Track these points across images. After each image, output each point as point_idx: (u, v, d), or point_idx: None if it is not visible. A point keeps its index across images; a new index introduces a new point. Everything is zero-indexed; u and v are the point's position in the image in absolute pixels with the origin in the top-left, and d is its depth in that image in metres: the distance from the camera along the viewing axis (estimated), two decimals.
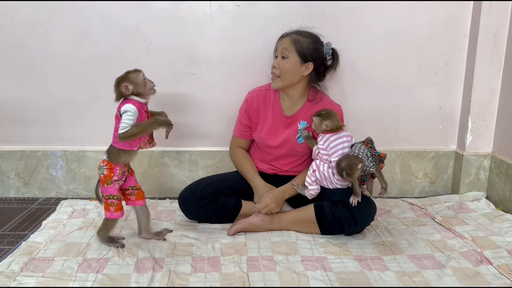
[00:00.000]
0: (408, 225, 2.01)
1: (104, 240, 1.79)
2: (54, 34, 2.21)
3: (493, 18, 2.19)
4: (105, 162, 1.73)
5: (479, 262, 1.65)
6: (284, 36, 1.93)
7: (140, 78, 1.71)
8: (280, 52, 1.90)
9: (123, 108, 1.68)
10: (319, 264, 1.65)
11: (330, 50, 1.92)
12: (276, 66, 1.91)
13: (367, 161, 1.75)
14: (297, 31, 1.94)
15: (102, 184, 1.73)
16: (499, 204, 2.25)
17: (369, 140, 1.86)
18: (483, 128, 2.33)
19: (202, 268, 1.62)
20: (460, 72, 2.34)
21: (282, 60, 1.89)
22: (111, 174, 1.72)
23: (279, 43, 1.94)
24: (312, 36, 1.92)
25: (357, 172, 1.73)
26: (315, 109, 1.94)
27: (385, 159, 1.83)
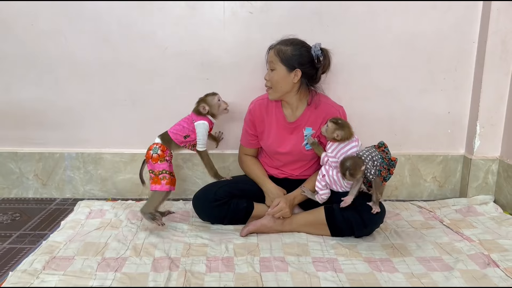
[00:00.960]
0: (417, 227, 2.05)
1: (147, 216, 1.93)
2: (74, 39, 2.28)
3: (502, 25, 2.22)
4: (158, 145, 1.99)
5: (486, 265, 1.69)
6: (271, 48, 1.96)
7: (215, 101, 2.06)
8: (269, 64, 1.95)
9: (199, 124, 2.03)
10: (329, 265, 1.69)
11: (319, 51, 1.93)
12: (267, 78, 1.96)
13: (369, 165, 1.78)
14: (281, 41, 1.95)
15: (155, 162, 1.95)
16: (506, 207, 2.28)
17: (382, 143, 1.90)
18: (491, 133, 2.36)
19: (217, 268, 1.67)
20: (468, 77, 2.37)
21: (271, 73, 1.93)
22: (164, 154, 1.97)
23: (267, 56, 1.98)
24: (295, 43, 1.93)
25: (360, 173, 1.76)
26: (317, 112, 1.98)
27: (396, 163, 1.87)
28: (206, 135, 2.05)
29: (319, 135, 2.00)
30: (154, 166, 1.96)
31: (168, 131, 2.04)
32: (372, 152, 1.83)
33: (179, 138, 2.02)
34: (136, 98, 2.36)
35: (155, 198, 1.97)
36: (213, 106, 2.05)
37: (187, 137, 2.02)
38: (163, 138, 2.02)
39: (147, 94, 2.36)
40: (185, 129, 2.03)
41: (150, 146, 2.00)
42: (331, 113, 1.95)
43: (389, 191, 2.48)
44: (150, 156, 1.96)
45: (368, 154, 1.80)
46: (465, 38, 2.33)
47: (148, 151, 1.98)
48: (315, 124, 2.00)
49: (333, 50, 2.23)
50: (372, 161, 1.79)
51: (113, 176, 2.45)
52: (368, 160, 1.78)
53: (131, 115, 2.39)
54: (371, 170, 1.79)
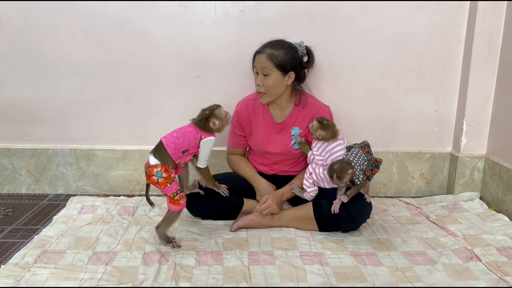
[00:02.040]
0: (403, 223, 2.09)
1: (163, 237, 1.82)
2: (67, 37, 2.30)
3: (488, 25, 2.27)
4: (159, 167, 1.75)
5: (469, 259, 1.73)
6: (259, 53, 1.94)
7: (223, 114, 1.84)
8: (260, 70, 1.93)
9: (207, 141, 1.81)
10: (316, 259, 1.73)
11: (304, 50, 1.96)
12: (260, 84, 1.95)
13: (357, 171, 1.81)
14: (270, 45, 1.94)
15: (165, 186, 1.76)
16: (492, 204, 2.33)
17: (366, 144, 1.94)
18: (477, 131, 2.41)
19: (206, 262, 1.71)
20: (455, 76, 2.42)
21: (265, 78, 1.93)
22: (169, 174, 1.76)
23: (255, 60, 1.96)
24: (285, 46, 1.94)
25: (347, 176, 1.79)
26: (304, 113, 2.02)
27: (380, 164, 1.91)
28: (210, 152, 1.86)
29: (306, 134, 2.04)
30: (165, 190, 1.78)
31: (164, 144, 1.77)
32: (360, 156, 1.85)
33: (177, 153, 1.78)
34: (128, 96, 2.39)
35: (173, 217, 1.83)
36: (223, 119, 1.84)
37: (185, 152, 1.79)
38: (160, 156, 1.76)
39: (140, 92, 2.39)
40: (185, 143, 1.78)
41: (149, 170, 1.76)
42: (318, 113, 1.98)
43: (378, 188, 2.52)
44: (156, 182, 1.76)
45: (357, 159, 1.83)
46: (452, 38, 2.37)
47: (150, 177, 1.76)
48: (302, 124, 2.03)
49: (323, 50, 2.28)
50: (360, 167, 1.83)
51: (105, 172, 2.48)
52: (357, 166, 1.81)
53: (123, 112, 2.41)
54: (359, 176, 1.82)
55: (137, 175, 2.48)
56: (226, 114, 1.87)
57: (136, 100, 2.40)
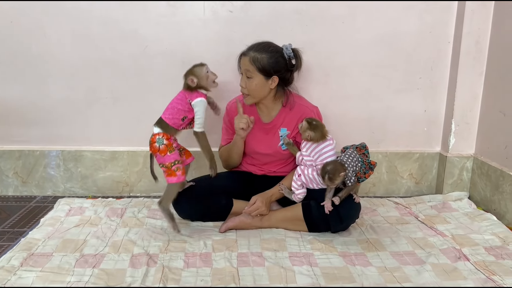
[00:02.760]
0: (392, 223, 2.10)
1: (167, 212, 1.89)
2: (54, 37, 2.28)
3: (475, 26, 2.28)
4: (161, 134, 1.87)
5: (457, 259, 1.74)
6: (244, 55, 1.94)
7: (203, 72, 1.89)
8: (244, 72, 1.94)
9: (196, 102, 1.87)
10: (305, 259, 1.73)
11: (291, 53, 1.94)
12: (243, 85, 1.96)
13: (350, 172, 1.81)
14: (254, 47, 1.93)
15: (164, 154, 1.85)
16: (480, 203, 2.35)
17: (363, 146, 1.93)
18: (466, 131, 2.42)
19: (194, 264, 1.70)
20: (444, 77, 2.43)
21: (248, 80, 1.93)
22: (170, 142, 1.87)
23: (240, 62, 1.96)
24: (270, 49, 1.92)
25: (339, 179, 1.79)
26: (292, 113, 2.02)
27: (375, 167, 1.91)
28: (204, 112, 1.90)
29: (294, 136, 2.04)
30: (164, 159, 1.85)
31: (162, 118, 1.89)
32: (354, 157, 1.85)
33: (177, 122, 1.89)
34: (117, 96, 2.37)
35: (172, 190, 1.89)
36: (202, 78, 1.88)
37: (184, 118, 1.89)
38: (162, 126, 1.88)
39: (129, 92, 2.37)
40: (180, 111, 1.88)
41: (152, 138, 1.87)
42: (306, 114, 1.98)
43: (367, 188, 2.53)
44: (158, 149, 1.85)
45: (351, 161, 1.82)
46: (441, 38, 2.38)
47: (152, 144, 1.87)
48: (290, 124, 2.03)
49: (313, 50, 2.29)
50: (353, 168, 1.82)
51: (93, 173, 2.46)
52: (350, 167, 1.81)
53: (112, 113, 2.39)
54: (351, 178, 1.82)
55: (126, 176, 2.46)
56: (210, 74, 1.91)
57: (125, 100, 2.38)
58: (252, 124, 1.97)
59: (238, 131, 1.98)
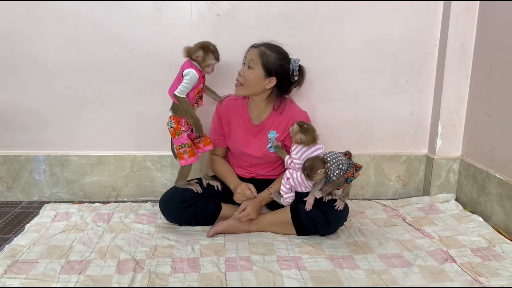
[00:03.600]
0: (380, 225, 2.10)
1: (185, 186, 2.03)
2: (39, 41, 2.25)
3: (461, 29, 2.30)
4: (172, 118, 1.96)
5: (444, 261, 1.75)
6: (254, 47, 1.97)
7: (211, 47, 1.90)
8: (248, 62, 1.95)
9: (186, 71, 1.88)
10: (294, 263, 1.73)
11: (297, 67, 1.97)
12: (241, 74, 1.97)
13: (332, 166, 1.82)
14: (267, 44, 1.97)
15: (173, 137, 1.97)
16: (467, 205, 2.37)
17: (347, 152, 1.95)
18: (452, 133, 2.44)
19: (182, 269, 1.68)
20: (430, 79, 2.45)
21: (248, 70, 1.95)
22: (179, 126, 1.96)
23: (248, 52, 1.99)
24: (280, 52, 1.97)
25: (317, 175, 1.81)
26: (281, 117, 2.02)
27: (360, 169, 1.92)
28: (191, 84, 1.88)
29: (283, 139, 2.04)
30: (174, 140, 1.98)
31: (169, 95, 1.94)
32: (338, 155, 1.87)
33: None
34: (103, 100, 2.35)
35: (183, 171, 2.03)
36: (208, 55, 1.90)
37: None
38: (173, 108, 1.96)
39: (115, 96, 2.35)
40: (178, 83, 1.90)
41: (168, 121, 1.97)
42: (295, 118, 1.97)
43: (355, 190, 2.53)
44: (170, 132, 1.97)
45: (335, 157, 1.84)
46: (427, 41, 2.40)
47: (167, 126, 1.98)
48: (279, 128, 2.03)
49: (300, 53, 2.27)
50: (337, 164, 1.83)
51: (80, 178, 2.43)
52: (333, 162, 1.82)
53: (98, 117, 2.37)
54: (335, 171, 1.83)
55: (113, 181, 2.43)
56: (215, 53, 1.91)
57: (111, 104, 2.36)
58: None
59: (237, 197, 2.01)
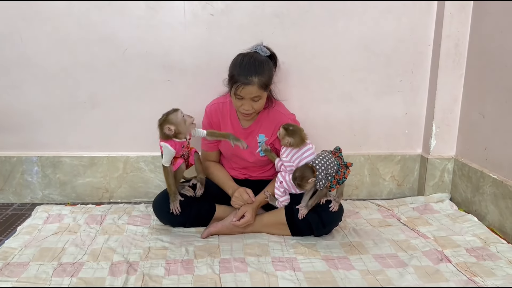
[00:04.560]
0: (375, 226, 2.10)
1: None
2: (30, 41, 2.23)
3: (455, 29, 2.30)
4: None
5: (439, 261, 1.75)
6: (247, 84, 1.80)
7: (179, 118, 1.82)
8: (249, 98, 1.84)
9: (163, 145, 1.84)
10: (288, 264, 1.72)
11: (267, 52, 1.93)
12: (250, 109, 1.88)
13: (321, 175, 1.79)
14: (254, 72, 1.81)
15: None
16: (461, 205, 2.37)
17: (337, 149, 1.93)
18: (446, 133, 2.44)
19: (176, 271, 1.66)
20: (424, 79, 2.45)
21: (255, 102, 1.87)
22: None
23: (240, 91, 1.82)
24: (265, 64, 1.87)
25: (308, 185, 1.79)
26: (269, 120, 1.99)
27: (350, 167, 1.91)
28: (169, 158, 1.85)
29: (272, 142, 2.02)
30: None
31: None
32: (328, 160, 1.83)
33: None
34: (95, 101, 2.33)
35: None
36: (179, 124, 1.82)
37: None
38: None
39: (107, 97, 2.33)
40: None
41: None
42: (282, 121, 1.94)
43: (350, 190, 2.53)
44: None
45: (323, 164, 1.81)
46: (421, 41, 2.40)
47: None
48: (267, 131, 2.00)
49: (294, 53, 2.30)
50: (326, 170, 1.81)
51: (72, 180, 2.40)
52: (321, 170, 1.80)
53: (90, 118, 2.35)
54: (322, 181, 1.81)
55: (106, 182, 2.41)
56: (186, 118, 1.85)
57: (104, 105, 2.33)
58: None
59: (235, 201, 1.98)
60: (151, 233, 1.98)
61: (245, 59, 1.86)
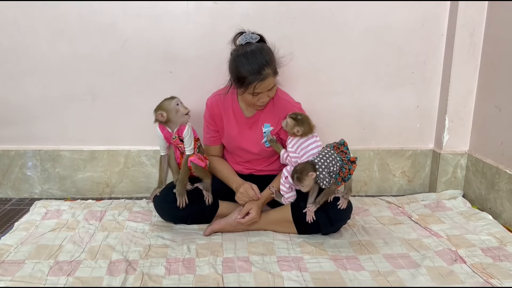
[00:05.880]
0: (385, 223, 2.01)
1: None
2: (28, 31, 2.16)
3: (470, 18, 2.20)
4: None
5: (453, 261, 1.66)
6: (263, 80, 1.73)
7: (172, 105, 1.83)
8: (268, 89, 1.79)
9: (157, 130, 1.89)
10: (295, 264, 1.64)
11: (257, 37, 1.83)
12: (267, 99, 1.84)
13: (322, 174, 1.72)
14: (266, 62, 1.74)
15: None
16: (475, 202, 2.28)
17: (341, 143, 1.84)
18: (460, 127, 2.35)
19: (177, 270, 1.59)
20: (437, 71, 2.35)
21: (271, 91, 1.82)
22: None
23: (260, 87, 1.75)
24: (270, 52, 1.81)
25: (307, 180, 1.71)
26: (274, 109, 1.91)
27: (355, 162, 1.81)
28: (161, 142, 1.90)
29: (278, 132, 1.94)
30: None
31: None
32: (329, 157, 1.75)
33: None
34: (96, 93, 2.26)
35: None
36: (170, 110, 1.82)
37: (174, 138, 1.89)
38: None
39: (108, 89, 2.26)
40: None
41: None
42: (288, 110, 1.87)
43: (359, 187, 2.44)
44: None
45: (324, 161, 1.73)
46: (434, 31, 2.30)
47: None
48: (272, 119, 1.92)
49: (301, 43, 2.21)
50: (328, 169, 1.73)
51: (72, 174, 2.34)
52: (322, 168, 1.72)
53: (90, 111, 2.28)
54: (325, 179, 1.73)
55: (106, 177, 2.34)
56: (180, 107, 1.84)
57: (104, 97, 2.26)
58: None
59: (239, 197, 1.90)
60: (152, 230, 1.91)
61: (247, 57, 1.75)
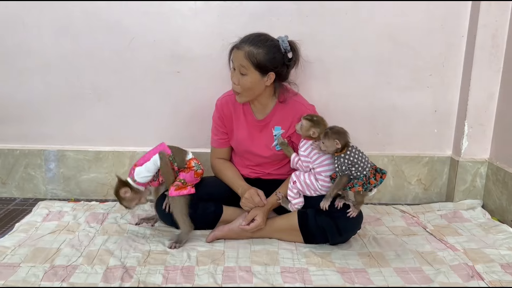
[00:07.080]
0: (398, 234, 1.91)
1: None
2: (33, 28, 2.13)
3: (493, 18, 2.10)
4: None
5: (470, 277, 1.55)
6: (237, 48, 1.74)
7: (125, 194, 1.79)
8: (237, 67, 1.75)
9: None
10: (299, 276, 1.55)
11: (287, 46, 1.76)
12: (236, 83, 1.77)
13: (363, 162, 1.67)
14: (249, 40, 1.73)
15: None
16: (495, 213, 2.16)
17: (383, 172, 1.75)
18: (480, 133, 2.24)
19: (174, 279, 1.52)
20: (457, 74, 2.25)
21: (242, 77, 1.74)
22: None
23: (232, 55, 1.76)
24: (267, 44, 1.73)
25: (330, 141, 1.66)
26: (286, 111, 1.85)
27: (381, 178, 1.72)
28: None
29: (289, 135, 1.86)
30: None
31: None
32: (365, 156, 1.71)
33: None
34: (101, 92, 2.22)
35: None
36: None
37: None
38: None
39: (113, 88, 2.21)
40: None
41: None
42: (301, 112, 1.81)
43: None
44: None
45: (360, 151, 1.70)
46: (453, 31, 2.20)
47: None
48: (284, 122, 1.86)
49: (313, 43, 2.13)
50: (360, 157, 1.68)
51: (76, 175, 2.30)
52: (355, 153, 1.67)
53: (95, 110, 2.24)
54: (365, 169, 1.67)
55: (111, 178, 2.29)
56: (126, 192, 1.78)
57: (109, 97, 2.22)
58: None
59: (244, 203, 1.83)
60: (153, 235, 1.85)
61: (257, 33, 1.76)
